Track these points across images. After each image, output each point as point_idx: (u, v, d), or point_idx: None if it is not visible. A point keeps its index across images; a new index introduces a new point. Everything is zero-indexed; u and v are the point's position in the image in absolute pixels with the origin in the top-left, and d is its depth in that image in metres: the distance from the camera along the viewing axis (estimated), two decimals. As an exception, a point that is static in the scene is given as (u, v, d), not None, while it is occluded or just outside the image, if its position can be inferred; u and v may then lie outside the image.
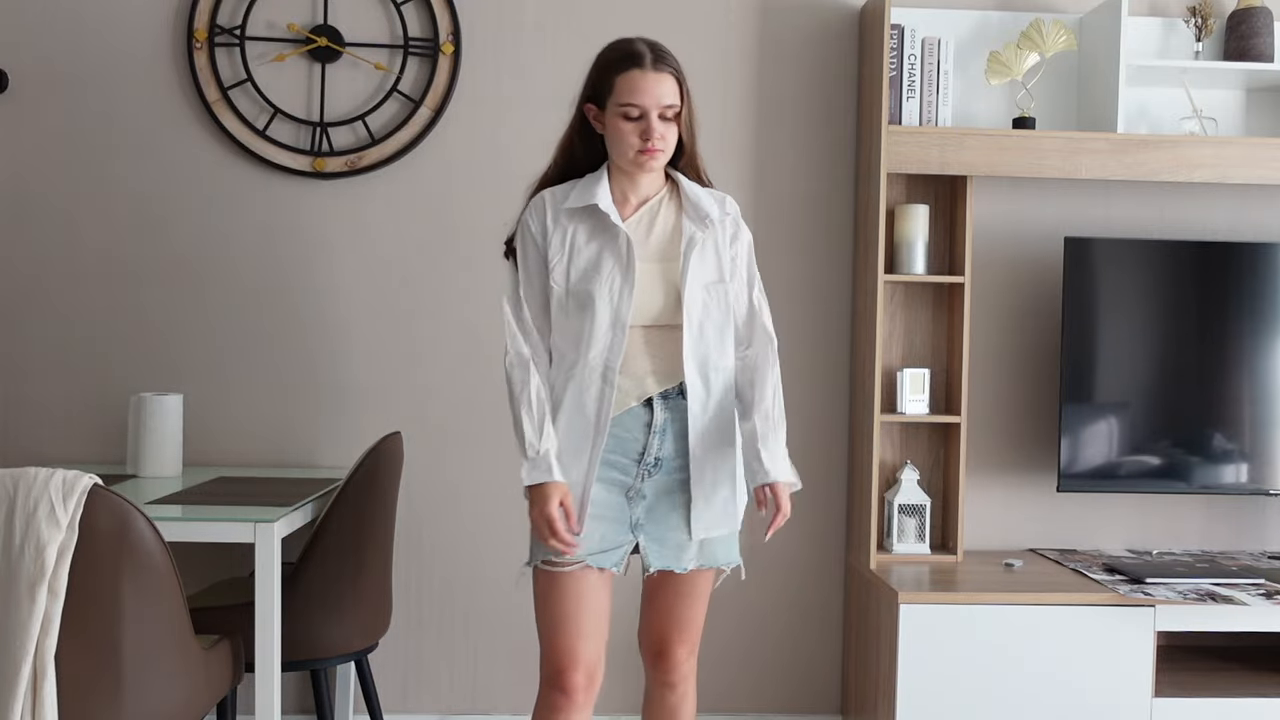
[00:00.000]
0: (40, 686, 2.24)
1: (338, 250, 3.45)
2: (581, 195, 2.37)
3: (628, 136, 2.31)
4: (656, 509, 2.40)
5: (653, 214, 2.41)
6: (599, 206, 2.34)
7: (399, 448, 3.11)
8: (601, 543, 2.36)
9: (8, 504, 2.26)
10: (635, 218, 2.40)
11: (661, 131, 2.31)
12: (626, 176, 2.39)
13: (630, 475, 2.38)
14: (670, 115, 2.32)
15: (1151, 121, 3.53)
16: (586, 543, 2.35)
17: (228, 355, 3.44)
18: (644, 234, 2.39)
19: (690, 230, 2.38)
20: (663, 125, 2.32)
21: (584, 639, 2.37)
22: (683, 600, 2.48)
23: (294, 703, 3.45)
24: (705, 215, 2.38)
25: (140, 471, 3.16)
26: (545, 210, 2.40)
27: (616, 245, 2.35)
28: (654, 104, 2.30)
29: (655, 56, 2.32)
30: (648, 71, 2.30)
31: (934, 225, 3.48)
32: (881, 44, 3.25)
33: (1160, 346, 3.42)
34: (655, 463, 2.38)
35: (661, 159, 2.34)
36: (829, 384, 3.55)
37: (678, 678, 2.53)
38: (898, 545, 3.39)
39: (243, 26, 3.39)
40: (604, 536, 2.37)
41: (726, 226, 2.43)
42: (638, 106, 2.30)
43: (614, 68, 2.33)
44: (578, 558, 2.34)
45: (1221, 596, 3.05)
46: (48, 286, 3.41)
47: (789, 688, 3.57)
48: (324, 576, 2.89)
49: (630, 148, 2.32)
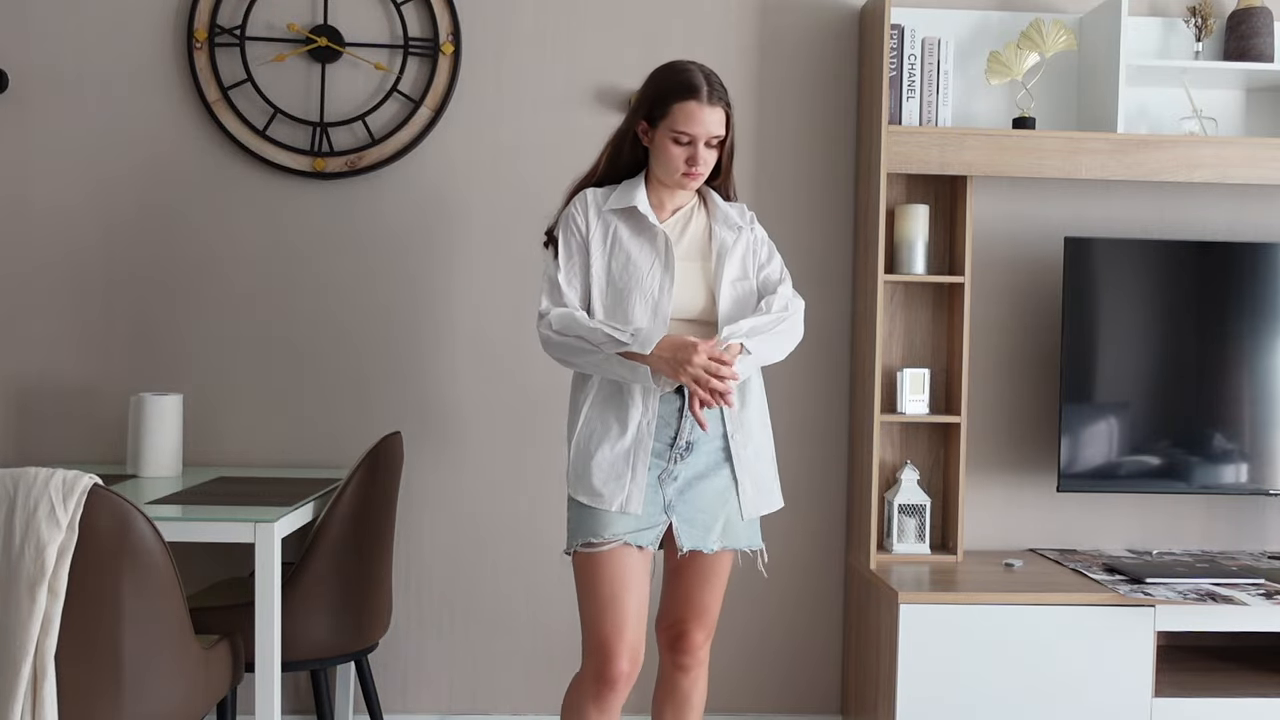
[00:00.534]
0: (40, 686, 2.24)
1: (338, 250, 3.45)
2: (621, 198, 2.55)
3: (675, 160, 2.49)
4: (688, 491, 2.49)
5: (686, 219, 2.59)
6: (638, 209, 2.52)
7: (399, 448, 3.11)
8: (638, 522, 2.46)
9: (8, 504, 2.26)
10: (670, 221, 2.58)
11: (706, 158, 2.49)
12: (664, 187, 2.57)
13: (664, 459, 2.48)
14: (715, 143, 2.50)
15: (1151, 121, 3.53)
16: (625, 522, 2.45)
17: (228, 355, 3.44)
18: (678, 235, 2.56)
19: (722, 235, 2.57)
20: (708, 152, 2.49)
21: (629, 620, 2.45)
22: (704, 583, 2.57)
23: (294, 703, 3.45)
24: (734, 223, 2.59)
25: (140, 471, 3.16)
26: (589, 206, 2.57)
27: (656, 244, 2.52)
28: (704, 134, 2.47)
29: (711, 90, 2.47)
30: (704, 105, 2.46)
31: (934, 225, 3.48)
32: (881, 44, 3.25)
33: (1160, 346, 3.42)
34: (687, 446, 2.49)
35: (701, 180, 2.53)
36: (829, 384, 3.55)
37: (693, 662, 2.62)
38: (898, 545, 3.39)
39: (243, 27, 3.39)
40: (640, 516, 2.46)
41: (752, 232, 2.63)
42: (689, 134, 2.47)
43: (673, 95, 2.47)
44: (617, 536, 2.43)
45: (1221, 596, 3.05)
46: (48, 286, 3.41)
47: (789, 688, 3.57)
48: (324, 576, 2.89)
49: (676, 170, 2.50)
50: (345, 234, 3.45)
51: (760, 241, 2.64)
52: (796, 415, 3.54)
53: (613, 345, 2.41)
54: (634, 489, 2.45)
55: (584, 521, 2.48)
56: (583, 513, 2.49)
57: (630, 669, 2.46)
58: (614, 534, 2.44)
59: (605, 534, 2.44)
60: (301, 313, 3.45)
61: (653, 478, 2.48)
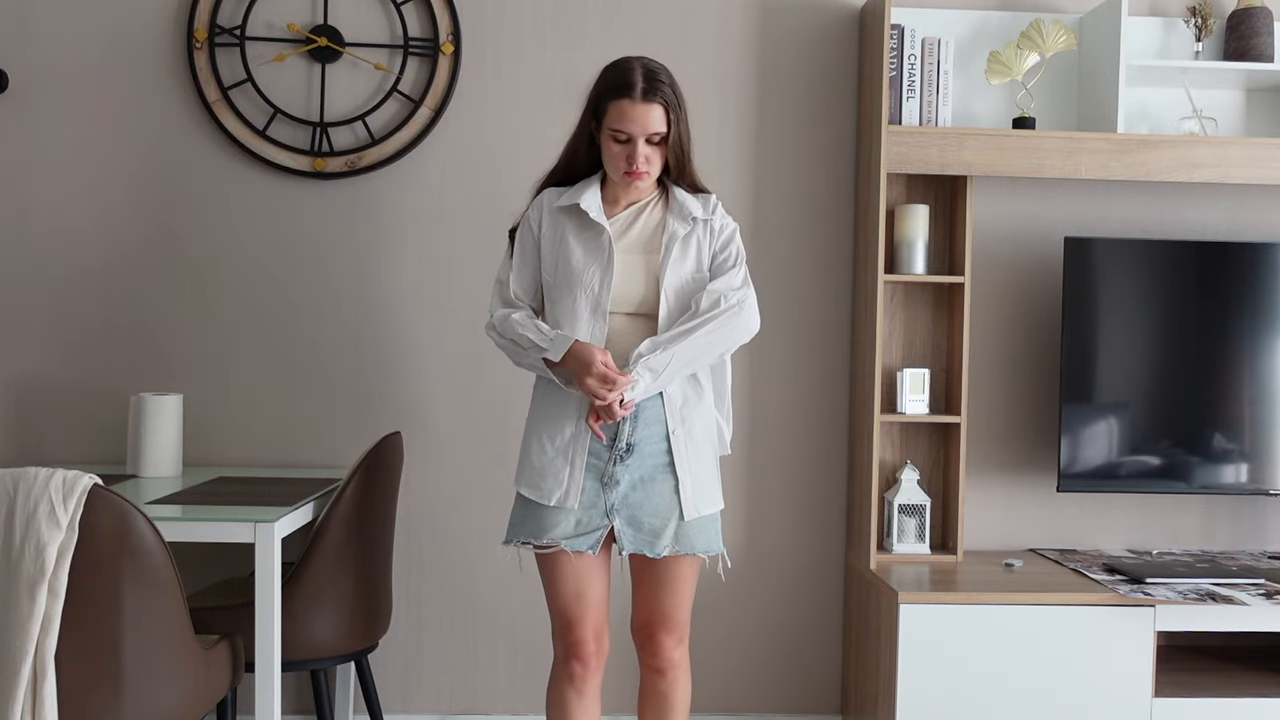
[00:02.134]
0: (40, 686, 2.24)
1: (338, 250, 3.45)
2: (571, 196, 2.56)
3: (616, 159, 2.49)
4: (631, 495, 2.49)
5: (638, 212, 2.58)
6: (580, 206, 2.52)
7: (399, 448, 3.11)
8: (577, 528, 2.47)
9: (8, 504, 2.26)
10: (622, 215, 2.57)
11: (647, 155, 2.47)
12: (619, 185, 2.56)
13: (604, 460, 2.49)
14: (656, 140, 2.48)
15: (1151, 121, 3.53)
16: (563, 528, 2.47)
17: (228, 355, 3.44)
18: (627, 228, 2.55)
19: (674, 226, 2.53)
20: (649, 149, 2.47)
21: (589, 610, 2.52)
22: (663, 588, 2.55)
23: (294, 703, 3.45)
24: (690, 214, 2.55)
25: (140, 471, 3.16)
26: (543, 207, 2.61)
27: (600, 240, 2.52)
28: (640, 132, 2.45)
29: (646, 87, 2.44)
30: (637, 103, 2.44)
31: (934, 225, 3.48)
32: (881, 44, 3.25)
33: (1160, 346, 3.42)
34: (627, 449, 2.48)
35: (647, 180, 2.51)
36: (829, 384, 3.55)
37: (666, 665, 2.61)
38: (898, 545, 3.39)
39: (243, 26, 3.39)
40: (579, 522, 2.48)
41: (714, 225, 2.58)
42: (625, 132, 2.46)
43: (609, 94, 2.48)
44: (554, 541, 2.47)
45: (1221, 596, 3.05)
46: (48, 286, 3.41)
47: (789, 688, 3.57)
48: (324, 576, 2.89)
49: (618, 169, 2.50)
50: (345, 234, 3.45)
51: (719, 231, 2.59)
52: (796, 415, 3.54)
53: (536, 351, 2.50)
54: (572, 485, 2.47)
55: (525, 518, 2.53)
56: (525, 507, 2.54)
57: (597, 646, 2.53)
58: (551, 539, 2.47)
59: (543, 539, 2.48)
60: (302, 313, 3.45)
61: (594, 480, 2.48)
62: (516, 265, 2.61)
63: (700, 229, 2.57)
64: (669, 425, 2.50)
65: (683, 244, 2.54)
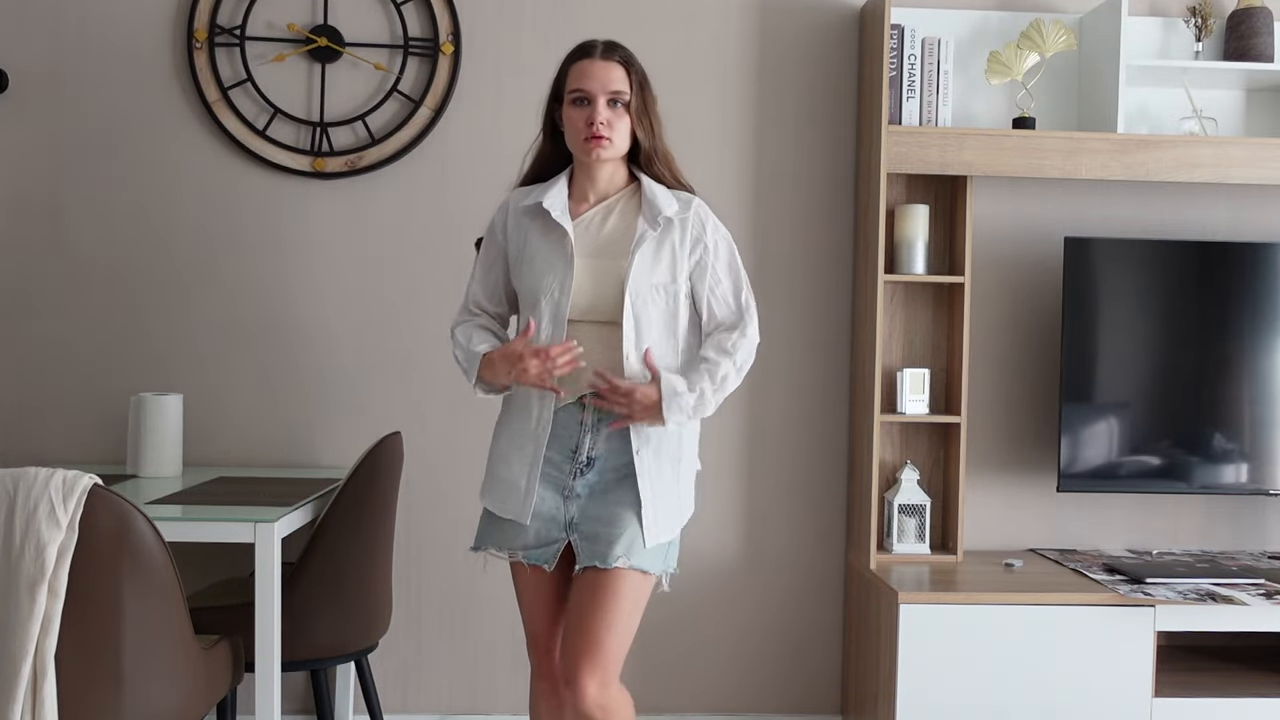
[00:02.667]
0: (40, 686, 2.24)
1: (338, 250, 3.45)
2: (535, 195, 2.44)
3: (576, 124, 2.37)
4: (589, 509, 2.37)
5: (608, 211, 2.43)
6: (542, 205, 2.40)
7: (399, 448, 3.11)
8: (536, 539, 2.39)
9: (8, 504, 2.26)
10: (588, 215, 2.43)
11: (608, 118, 2.35)
12: (587, 174, 2.43)
13: (564, 473, 2.38)
14: (620, 103, 2.37)
15: (1151, 121, 3.53)
16: (523, 538, 2.39)
17: (228, 355, 3.44)
18: (594, 230, 2.41)
19: (643, 227, 2.37)
20: (610, 113, 2.36)
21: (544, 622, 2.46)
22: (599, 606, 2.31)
23: (294, 703, 3.45)
24: (658, 214, 2.37)
25: (140, 471, 3.16)
26: (508, 212, 2.49)
27: (562, 243, 2.38)
28: (600, 89, 2.35)
29: (606, 47, 2.40)
30: (595, 60, 2.37)
31: (934, 225, 3.48)
32: (881, 44, 3.25)
33: (1160, 346, 3.42)
34: (587, 462, 2.37)
35: (610, 148, 2.37)
36: (829, 384, 3.54)
37: (590, 710, 2.30)
38: (898, 545, 3.39)
39: (243, 26, 3.39)
40: (538, 533, 2.39)
41: (689, 228, 2.40)
42: (583, 91, 2.36)
43: (568, 61, 2.42)
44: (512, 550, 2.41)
45: (1221, 596, 3.05)
46: (48, 286, 3.41)
47: (789, 688, 3.57)
48: (324, 576, 2.88)
49: (579, 134, 2.37)
50: (345, 234, 3.45)
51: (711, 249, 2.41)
52: (796, 415, 3.54)
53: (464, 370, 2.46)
54: (528, 499, 2.37)
55: (487, 527, 2.47)
56: (489, 519, 2.47)
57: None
58: (509, 548, 2.41)
59: (504, 548, 2.42)
60: (302, 312, 3.45)
61: (554, 492, 2.37)
62: (480, 273, 2.53)
63: (675, 232, 2.39)
64: (634, 442, 2.35)
65: (654, 248, 2.37)
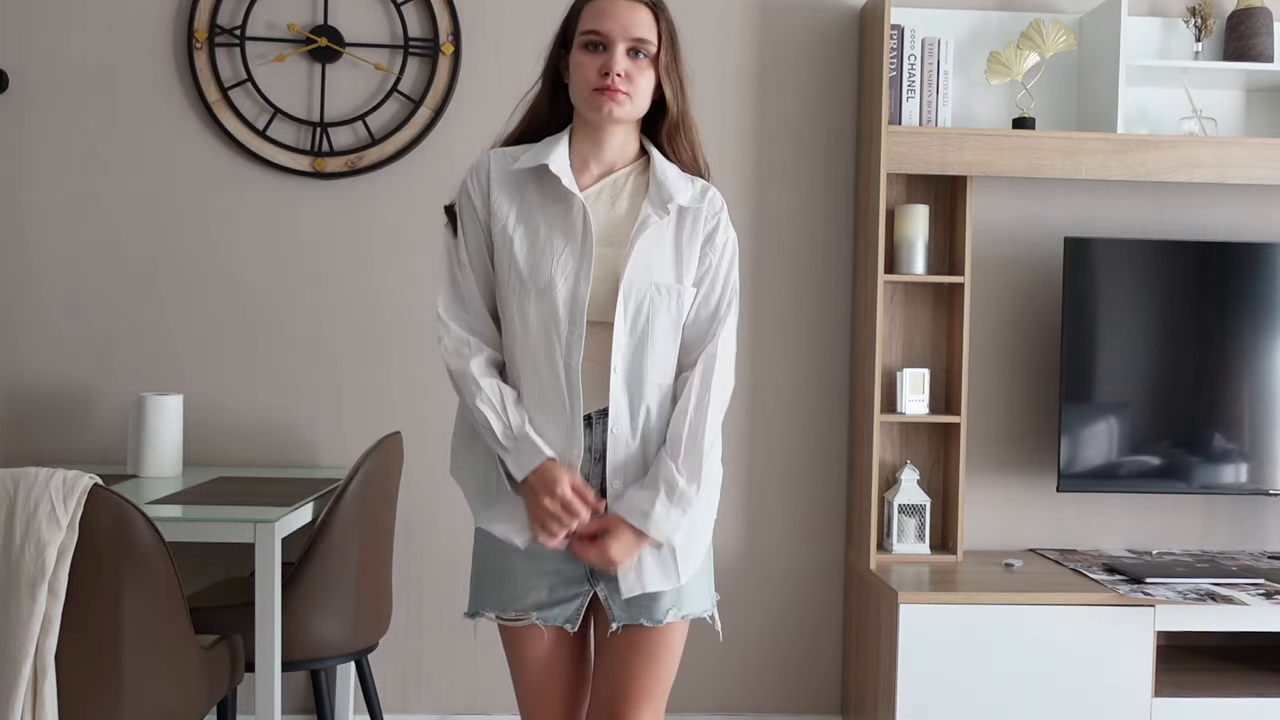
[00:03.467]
0: (40, 686, 2.24)
1: (338, 250, 3.45)
2: (534, 155, 1.97)
3: (586, 71, 1.92)
4: None
5: (616, 189, 2.00)
6: (549, 168, 1.94)
7: (399, 448, 3.11)
8: (551, 595, 1.96)
9: (8, 504, 2.26)
10: (595, 189, 1.99)
11: (627, 69, 1.90)
12: (591, 138, 1.99)
13: None
14: (644, 54, 1.92)
15: (1151, 121, 3.53)
16: (533, 596, 1.96)
17: (228, 355, 3.44)
18: (603, 210, 1.98)
19: (646, 211, 1.94)
20: (630, 63, 1.91)
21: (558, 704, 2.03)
22: (650, 659, 1.98)
23: (294, 703, 3.45)
24: (669, 199, 1.95)
25: (140, 471, 3.16)
26: (489, 174, 1.99)
27: (570, 218, 1.94)
28: (620, 33, 1.91)
29: None
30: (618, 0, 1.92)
31: (934, 225, 3.48)
32: (881, 44, 3.25)
33: (1160, 346, 3.42)
34: (601, 495, 1.95)
35: (627, 106, 1.92)
36: (829, 384, 3.55)
37: None
38: (898, 545, 3.39)
39: (243, 26, 3.39)
40: (553, 588, 1.96)
41: (701, 221, 1.99)
42: (600, 34, 1.91)
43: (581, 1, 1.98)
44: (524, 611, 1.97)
45: (1221, 596, 3.05)
46: (48, 286, 3.41)
47: (789, 688, 3.57)
48: (324, 576, 2.89)
49: (587, 84, 1.92)
50: (345, 234, 3.45)
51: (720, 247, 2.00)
52: (796, 415, 3.54)
53: (489, 436, 1.94)
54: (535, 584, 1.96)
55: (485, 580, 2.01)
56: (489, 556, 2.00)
57: None
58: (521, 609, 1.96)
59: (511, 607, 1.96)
60: (302, 312, 3.45)
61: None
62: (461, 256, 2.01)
63: (688, 224, 1.97)
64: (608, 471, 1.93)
65: (657, 238, 1.95)
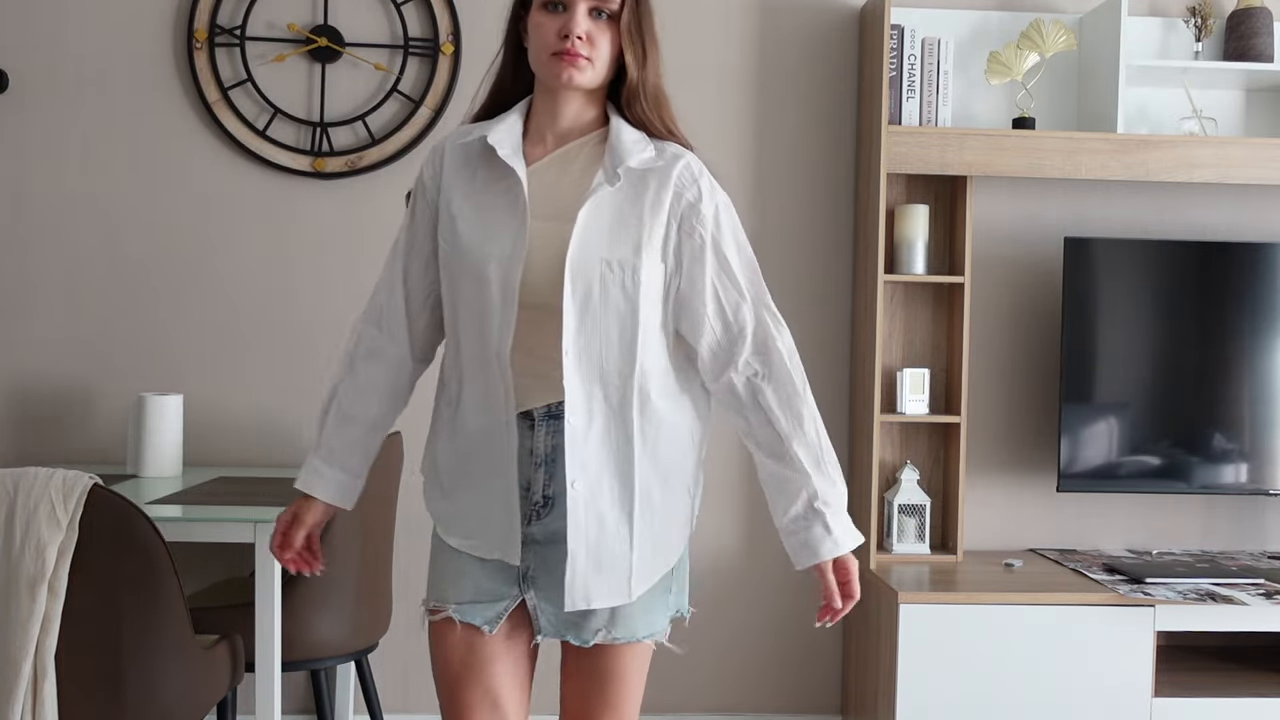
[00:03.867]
0: (40, 686, 2.24)
1: (338, 250, 3.45)
2: (482, 130, 1.83)
3: (545, 33, 1.77)
4: (550, 558, 1.81)
5: (570, 159, 1.84)
6: (488, 140, 1.80)
7: (398, 448, 3.11)
8: (475, 593, 1.82)
9: (8, 504, 2.26)
10: (548, 160, 1.83)
11: (588, 31, 1.76)
12: (548, 107, 1.84)
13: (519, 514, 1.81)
14: (606, 13, 1.78)
15: (1151, 121, 3.53)
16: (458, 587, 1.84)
17: (228, 355, 3.44)
18: (548, 182, 1.82)
19: (598, 181, 1.77)
20: (591, 24, 1.77)
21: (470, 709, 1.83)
22: (599, 683, 1.85)
23: (294, 703, 3.45)
24: (620, 162, 1.77)
25: (140, 471, 3.16)
26: (444, 154, 1.88)
27: (512, 193, 1.79)
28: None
29: None
30: None
31: (934, 225, 3.48)
32: (881, 44, 3.25)
33: (1160, 346, 3.42)
34: (544, 501, 1.81)
35: (589, 72, 1.78)
36: (829, 384, 3.54)
37: None
38: (898, 545, 3.39)
39: (243, 27, 3.39)
40: (479, 586, 1.82)
41: (669, 186, 1.81)
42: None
43: None
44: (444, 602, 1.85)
45: (1221, 596, 3.05)
46: (48, 287, 3.41)
47: (789, 688, 3.57)
48: (324, 576, 2.87)
49: (546, 48, 1.77)
50: (345, 234, 3.45)
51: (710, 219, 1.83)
52: (796, 415, 3.54)
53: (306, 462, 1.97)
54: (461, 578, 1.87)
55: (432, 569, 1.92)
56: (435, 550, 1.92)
57: None
58: (441, 599, 1.85)
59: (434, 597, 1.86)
60: (302, 312, 3.45)
61: None
62: (404, 246, 1.91)
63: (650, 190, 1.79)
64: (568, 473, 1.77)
65: (612, 209, 1.78)
